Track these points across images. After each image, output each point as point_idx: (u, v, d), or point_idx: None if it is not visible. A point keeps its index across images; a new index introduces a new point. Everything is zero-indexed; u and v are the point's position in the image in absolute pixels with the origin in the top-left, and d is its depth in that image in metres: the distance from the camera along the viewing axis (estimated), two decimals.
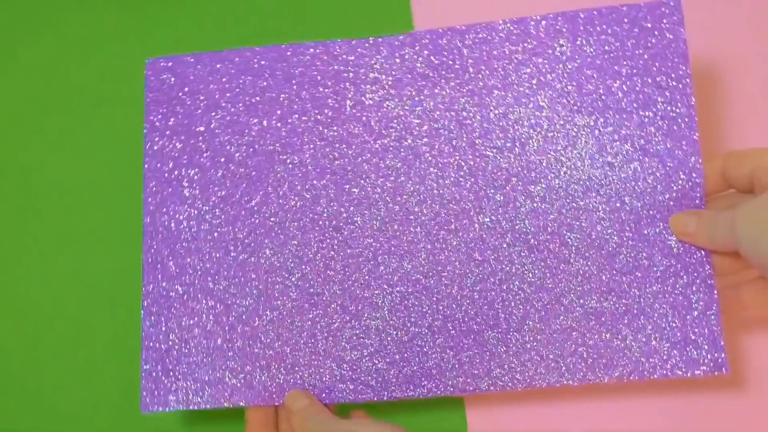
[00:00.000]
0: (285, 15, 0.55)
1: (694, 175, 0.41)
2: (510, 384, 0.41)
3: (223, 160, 0.44)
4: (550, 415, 0.48)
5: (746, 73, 0.51)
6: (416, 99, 0.44)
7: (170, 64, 0.46)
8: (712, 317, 0.40)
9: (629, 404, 0.48)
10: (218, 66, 0.45)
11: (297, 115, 0.44)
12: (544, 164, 0.42)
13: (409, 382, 0.42)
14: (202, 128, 0.45)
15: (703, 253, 0.41)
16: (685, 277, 0.41)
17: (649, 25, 0.42)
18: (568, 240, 0.42)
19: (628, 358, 0.41)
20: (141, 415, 0.50)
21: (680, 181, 0.41)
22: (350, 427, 0.38)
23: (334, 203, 0.43)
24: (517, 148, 0.43)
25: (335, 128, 0.44)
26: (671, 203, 0.41)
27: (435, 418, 0.49)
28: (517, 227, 0.42)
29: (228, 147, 0.45)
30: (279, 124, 0.44)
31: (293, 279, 0.43)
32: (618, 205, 0.42)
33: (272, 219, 0.44)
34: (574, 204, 0.42)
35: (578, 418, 0.48)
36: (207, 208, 0.44)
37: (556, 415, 0.48)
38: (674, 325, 0.41)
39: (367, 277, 0.43)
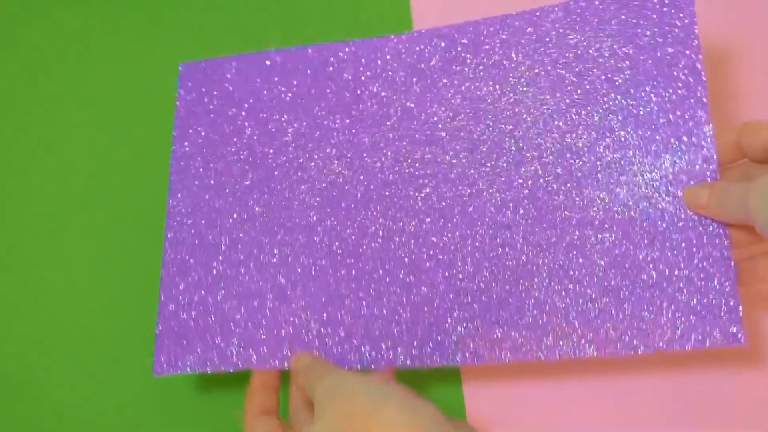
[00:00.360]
0: (285, 17, 0.56)
1: (706, 148, 0.41)
2: (527, 355, 0.41)
3: (251, 158, 0.46)
4: (545, 392, 0.49)
5: (758, 49, 0.51)
6: (433, 90, 0.45)
7: (203, 66, 0.49)
8: (729, 289, 0.40)
9: (628, 383, 0.48)
10: (247, 68, 0.48)
11: (323, 113, 0.46)
12: (560, 146, 0.43)
13: (423, 352, 0.42)
14: (231, 128, 0.47)
15: (718, 224, 0.41)
16: (701, 249, 0.41)
17: (657, 4, 0.43)
18: (585, 218, 0.42)
19: (643, 331, 0.40)
20: (155, 385, 0.51)
21: (693, 155, 0.41)
22: (349, 372, 0.39)
23: (357, 194, 0.45)
24: (533, 130, 0.43)
25: (358, 125, 0.46)
26: (684, 177, 0.41)
27: (432, 395, 0.49)
28: (533, 209, 0.42)
29: (257, 147, 0.47)
30: (306, 123, 0.46)
31: (300, 246, 0.45)
32: (633, 179, 0.42)
33: (293, 212, 0.45)
34: (588, 182, 0.42)
35: (575, 395, 0.48)
36: (232, 200, 0.46)
37: (552, 393, 0.48)
38: (690, 298, 0.40)
39: (382, 257, 0.43)
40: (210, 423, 0.50)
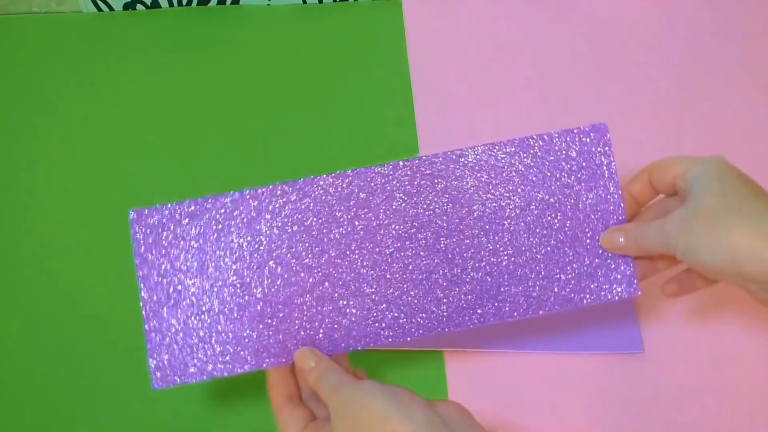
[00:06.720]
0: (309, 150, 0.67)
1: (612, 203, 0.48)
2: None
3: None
4: (516, 362, 0.59)
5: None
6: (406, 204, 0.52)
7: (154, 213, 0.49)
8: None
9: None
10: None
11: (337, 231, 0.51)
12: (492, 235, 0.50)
13: (398, 332, 0.49)
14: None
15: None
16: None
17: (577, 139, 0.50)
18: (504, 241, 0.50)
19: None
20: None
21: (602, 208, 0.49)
22: (357, 386, 0.42)
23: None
24: (470, 220, 0.50)
25: (352, 227, 0.51)
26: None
27: (416, 371, 0.58)
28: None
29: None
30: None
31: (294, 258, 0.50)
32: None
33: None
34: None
35: (540, 364, 0.59)
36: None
37: (519, 363, 0.59)
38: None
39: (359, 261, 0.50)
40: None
